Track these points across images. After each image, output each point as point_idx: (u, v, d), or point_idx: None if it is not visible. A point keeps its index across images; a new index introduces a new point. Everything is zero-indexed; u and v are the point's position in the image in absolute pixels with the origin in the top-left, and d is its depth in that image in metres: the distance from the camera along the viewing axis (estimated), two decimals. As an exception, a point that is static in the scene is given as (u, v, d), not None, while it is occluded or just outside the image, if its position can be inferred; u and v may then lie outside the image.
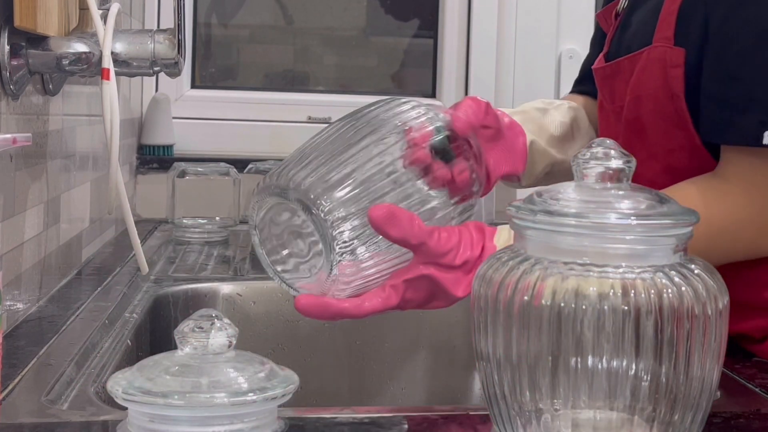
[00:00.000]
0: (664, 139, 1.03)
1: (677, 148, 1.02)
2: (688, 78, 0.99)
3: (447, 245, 0.86)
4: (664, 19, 1.02)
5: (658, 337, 0.65)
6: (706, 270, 0.67)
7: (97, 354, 1.01)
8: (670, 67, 1.00)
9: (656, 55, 1.02)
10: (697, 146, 1.00)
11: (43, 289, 1.20)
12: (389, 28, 2.39)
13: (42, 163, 1.19)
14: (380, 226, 0.84)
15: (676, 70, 1.00)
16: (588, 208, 0.67)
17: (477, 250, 0.88)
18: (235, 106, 2.23)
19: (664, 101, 1.01)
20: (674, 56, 1.00)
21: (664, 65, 1.01)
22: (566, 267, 0.66)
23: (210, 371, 0.68)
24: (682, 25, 1.00)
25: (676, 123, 1.01)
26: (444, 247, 0.86)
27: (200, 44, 2.31)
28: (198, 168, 1.82)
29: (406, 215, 0.84)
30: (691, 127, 1.00)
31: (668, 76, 1.00)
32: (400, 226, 0.84)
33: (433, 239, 0.85)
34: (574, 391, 0.66)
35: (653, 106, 1.03)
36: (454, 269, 0.87)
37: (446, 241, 0.86)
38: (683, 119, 1.00)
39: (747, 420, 0.83)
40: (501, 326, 0.67)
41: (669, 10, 1.01)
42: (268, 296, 1.39)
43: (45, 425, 0.78)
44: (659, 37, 1.02)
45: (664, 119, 1.02)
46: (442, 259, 0.86)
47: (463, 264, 0.87)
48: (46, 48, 1.13)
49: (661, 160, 1.03)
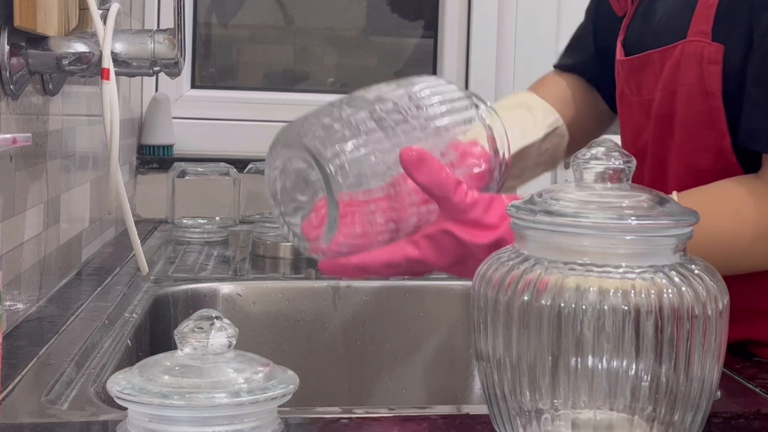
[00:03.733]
0: (694, 138, 1.00)
1: (701, 149, 0.99)
2: (727, 76, 0.96)
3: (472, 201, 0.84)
4: (701, 12, 0.99)
5: (658, 337, 0.65)
6: (706, 270, 0.67)
7: (97, 354, 1.01)
8: (708, 64, 0.97)
9: (692, 49, 0.98)
10: (724, 148, 0.98)
11: (43, 289, 1.20)
12: (389, 28, 2.39)
13: (42, 163, 1.19)
14: (409, 168, 0.82)
15: (713, 66, 0.97)
16: (588, 208, 0.67)
17: None
18: (235, 106, 2.23)
19: (698, 99, 0.98)
20: (712, 52, 0.97)
21: (701, 61, 0.98)
22: (566, 267, 0.66)
23: (210, 371, 0.68)
24: (722, 21, 0.97)
25: (705, 122, 0.98)
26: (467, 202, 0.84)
27: (200, 44, 2.31)
28: (198, 168, 1.82)
29: (437, 163, 0.82)
30: (723, 127, 0.97)
31: (705, 72, 0.97)
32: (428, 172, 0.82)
33: (458, 194, 0.83)
34: (574, 391, 0.66)
35: (686, 103, 1.00)
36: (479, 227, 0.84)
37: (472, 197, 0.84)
38: (715, 119, 0.97)
39: (747, 420, 0.83)
40: (501, 326, 0.67)
41: (707, 4, 0.98)
42: (268, 296, 1.39)
43: (45, 425, 0.78)
44: (695, 31, 0.99)
45: (697, 117, 0.99)
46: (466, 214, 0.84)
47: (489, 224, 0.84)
48: (46, 48, 1.13)
49: (685, 159, 1.01)
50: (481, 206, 0.85)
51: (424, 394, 1.40)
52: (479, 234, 0.85)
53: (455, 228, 0.85)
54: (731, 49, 0.97)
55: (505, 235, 0.83)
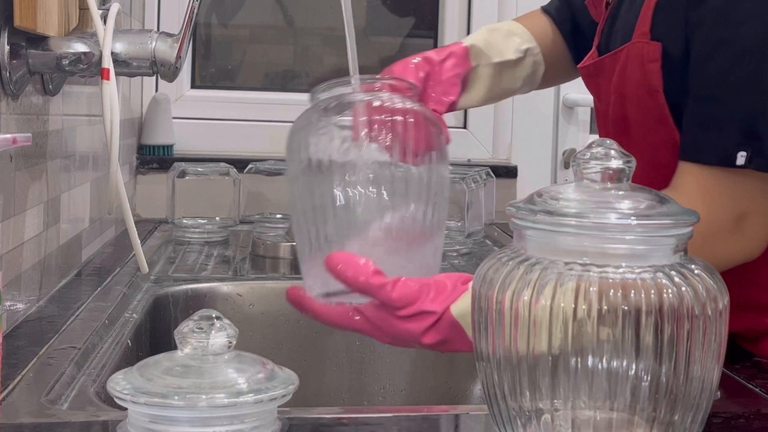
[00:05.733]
0: (649, 136, 1.02)
1: (662, 144, 1.02)
2: (666, 72, 0.99)
3: (397, 296, 0.86)
4: (644, 14, 1.01)
5: (658, 337, 0.65)
6: (706, 270, 0.67)
7: (97, 354, 1.01)
8: (648, 62, 1.00)
9: (635, 51, 1.01)
10: (677, 142, 1.00)
11: (43, 289, 1.20)
12: (389, 27, 2.39)
13: (42, 163, 1.19)
14: (333, 274, 0.86)
15: (653, 64, 0.99)
16: (588, 208, 0.67)
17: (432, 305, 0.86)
18: (235, 106, 2.23)
19: (646, 97, 1.01)
20: (651, 51, 1.00)
21: (642, 61, 1.01)
22: (566, 267, 0.66)
23: (210, 372, 0.68)
24: (659, 19, 1.00)
25: (656, 119, 1.01)
26: (393, 299, 0.86)
27: (200, 44, 2.31)
28: (198, 168, 1.82)
29: (352, 269, 0.85)
30: (671, 123, 1.00)
31: (646, 71, 1.00)
32: (349, 279, 0.86)
33: (382, 294, 0.86)
34: (574, 391, 0.66)
35: (636, 103, 1.03)
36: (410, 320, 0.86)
37: (397, 292, 0.86)
38: (663, 114, 1.00)
39: (747, 420, 0.84)
40: (501, 326, 0.67)
41: (648, 5, 1.01)
42: (268, 296, 1.39)
43: (45, 425, 0.78)
44: (638, 33, 1.02)
45: (647, 116, 1.02)
46: (396, 312, 0.86)
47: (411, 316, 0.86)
48: (46, 48, 1.13)
49: (647, 156, 1.02)
50: (406, 299, 0.86)
51: (424, 394, 1.40)
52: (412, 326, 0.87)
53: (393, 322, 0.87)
54: (669, 44, 0.99)
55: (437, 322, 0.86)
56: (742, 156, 0.93)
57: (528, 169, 2.26)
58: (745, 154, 0.93)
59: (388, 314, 0.86)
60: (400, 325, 0.86)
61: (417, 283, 0.86)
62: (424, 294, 0.86)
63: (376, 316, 0.87)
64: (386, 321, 0.86)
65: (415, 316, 0.85)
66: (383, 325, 0.87)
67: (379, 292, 0.85)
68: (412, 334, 0.86)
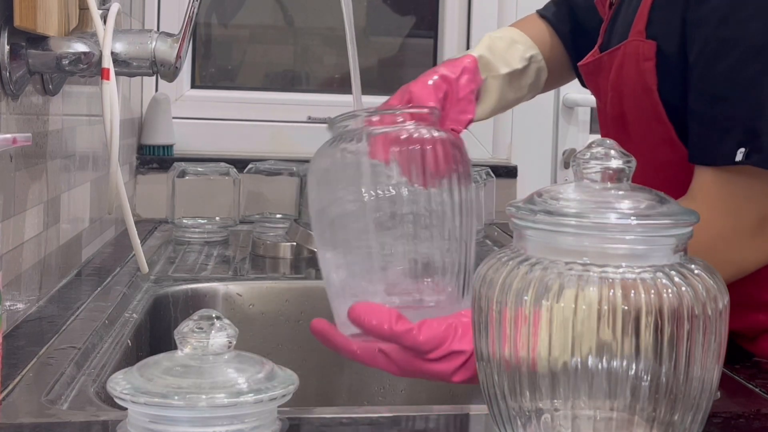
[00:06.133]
0: (647, 133, 1.03)
1: (660, 142, 1.02)
2: (661, 71, 0.99)
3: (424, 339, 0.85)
4: (641, 12, 1.02)
5: (658, 337, 0.65)
6: (706, 270, 0.67)
7: (97, 354, 1.01)
8: (643, 61, 1.00)
9: (631, 49, 1.02)
10: (674, 139, 1.01)
11: (43, 289, 1.20)
12: (389, 27, 2.39)
13: (42, 163, 1.19)
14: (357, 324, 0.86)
15: (647, 63, 1.00)
16: (588, 208, 0.67)
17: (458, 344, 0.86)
18: (235, 106, 2.23)
19: (641, 96, 1.02)
20: (646, 49, 1.00)
21: (638, 59, 1.01)
22: (566, 267, 0.66)
23: (210, 372, 0.68)
24: (655, 18, 1.00)
25: (652, 117, 1.01)
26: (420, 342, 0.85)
27: (200, 44, 2.31)
28: (198, 168, 1.82)
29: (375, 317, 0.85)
30: (667, 120, 1.00)
31: (641, 69, 1.00)
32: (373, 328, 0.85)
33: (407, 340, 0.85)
34: (574, 391, 0.66)
35: (633, 101, 1.03)
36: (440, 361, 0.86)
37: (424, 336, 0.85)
38: (659, 112, 1.00)
39: (747, 420, 0.84)
40: (501, 327, 0.67)
41: (645, 4, 1.02)
42: (268, 296, 1.39)
43: (45, 425, 0.78)
44: (634, 32, 1.02)
45: (644, 113, 1.02)
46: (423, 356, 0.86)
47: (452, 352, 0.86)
48: (46, 48, 1.13)
49: (646, 154, 1.02)
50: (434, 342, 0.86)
51: (424, 394, 1.40)
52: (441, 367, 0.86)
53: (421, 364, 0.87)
54: (664, 43, 0.99)
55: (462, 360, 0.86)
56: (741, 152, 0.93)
57: (528, 169, 2.26)
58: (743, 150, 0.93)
59: (415, 357, 0.86)
60: (429, 367, 0.86)
61: (441, 324, 0.86)
62: (450, 334, 0.86)
63: (402, 359, 0.87)
64: (412, 363, 0.86)
65: (444, 357, 0.85)
66: (408, 367, 0.87)
67: (405, 338, 0.85)
68: (442, 374, 0.86)
